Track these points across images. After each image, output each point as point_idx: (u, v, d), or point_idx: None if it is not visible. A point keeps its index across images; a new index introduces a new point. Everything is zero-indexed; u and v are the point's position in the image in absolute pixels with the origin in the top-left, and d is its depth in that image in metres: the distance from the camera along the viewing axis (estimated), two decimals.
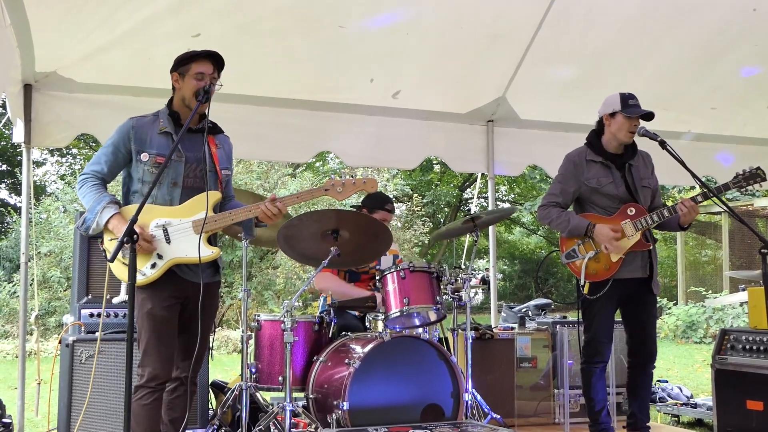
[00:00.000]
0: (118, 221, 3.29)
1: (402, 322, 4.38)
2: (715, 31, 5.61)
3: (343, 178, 3.66)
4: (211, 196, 3.45)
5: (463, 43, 5.60)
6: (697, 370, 10.23)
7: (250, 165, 14.56)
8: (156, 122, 3.48)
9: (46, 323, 13.20)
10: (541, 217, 4.46)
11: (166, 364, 3.39)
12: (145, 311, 3.34)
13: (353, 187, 3.64)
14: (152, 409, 3.36)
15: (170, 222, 3.38)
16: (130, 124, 3.45)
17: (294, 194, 3.70)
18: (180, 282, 3.41)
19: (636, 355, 4.46)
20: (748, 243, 14.78)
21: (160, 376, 3.36)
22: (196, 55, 3.45)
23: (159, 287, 3.36)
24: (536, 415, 5.45)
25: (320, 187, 3.68)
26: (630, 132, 4.25)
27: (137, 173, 3.44)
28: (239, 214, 3.50)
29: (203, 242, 3.39)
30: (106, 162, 3.44)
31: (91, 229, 3.34)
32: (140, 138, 3.42)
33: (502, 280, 23.64)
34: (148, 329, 3.34)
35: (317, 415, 4.16)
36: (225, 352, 12.34)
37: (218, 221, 3.46)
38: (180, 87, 3.48)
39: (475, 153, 6.55)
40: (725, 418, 4.95)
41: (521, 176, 19.56)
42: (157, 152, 3.41)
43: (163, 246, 3.36)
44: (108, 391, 4.16)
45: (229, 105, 5.47)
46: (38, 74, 5.06)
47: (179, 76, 3.47)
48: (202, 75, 3.43)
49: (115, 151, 3.44)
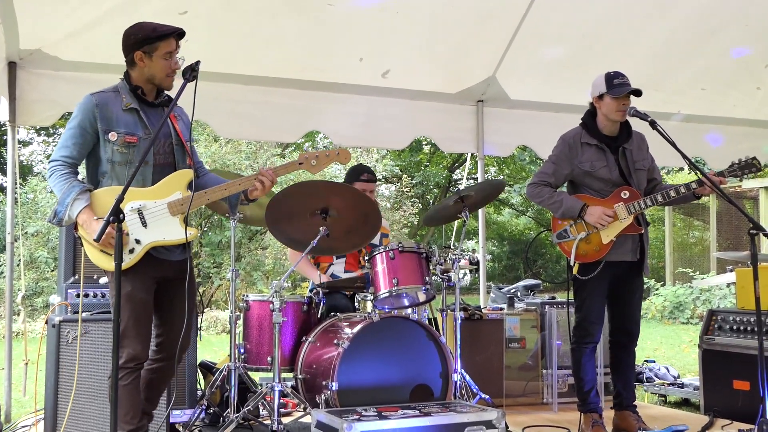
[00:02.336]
0: (87, 218, 3.20)
1: (391, 302, 4.38)
2: (706, 12, 5.60)
3: (317, 151, 3.66)
4: (184, 175, 3.39)
5: (453, 23, 5.56)
6: (684, 350, 10.31)
7: (239, 145, 14.49)
8: (118, 98, 3.36)
9: (33, 303, 13.17)
10: (531, 195, 4.42)
11: (145, 344, 3.37)
12: (124, 294, 3.28)
13: (327, 159, 3.65)
14: (133, 389, 3.35)
15: (145, 205, 3.31)
16: (93, 101, 3.30)
17: (278, 166, 3.65)
18: (156, 262, 3.36)
19: (617, 334, 4.48)
20: (736, 224, 14.87)
21: (139, 357, 3.34)
22: (164, 35, 3.35)
23: (137, 270, 3.30)
24: (525, 395, 5.48)
25: (294, 161, 3.64)
26: (619, 111, 4.23)
27: (106, 153, 3.31)
28: (232, 186, 3.45)
29: (179, 222, 3.34)
30: (74, 145, 3.30)
31: (63, 221, 3.26)
32: (105, 116, 3.30)
33: (491, 261, 23.71)
34: (128, 311, 3.30)
35: (306, 395, 4.17)
36: (213, 333, 12.33)
37: (210, 195, 3.41)
38: (146, 65, 3.35)
39: (464, 133, 6.53)
40: (712, 398, 5.00)
41: (510, 157, 19.55)
42: (126, 131, 3.31)
43: (139, 230, 3.29)
44: (96, 372, 4.14)
45: (217, 84, 5.43)
46: (23, 51, 4.99)
47: (144, 55, 3.34)
48: (170, 54, 3.37)
49: (83, 132, 3.30)
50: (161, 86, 3.42)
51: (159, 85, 3.41)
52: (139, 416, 3.40)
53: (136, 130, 3.34)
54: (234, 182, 3.48)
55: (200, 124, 9.23)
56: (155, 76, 3.38)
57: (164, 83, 3.41)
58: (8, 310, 5.09)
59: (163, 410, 4.22)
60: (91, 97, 3.32)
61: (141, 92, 3.39)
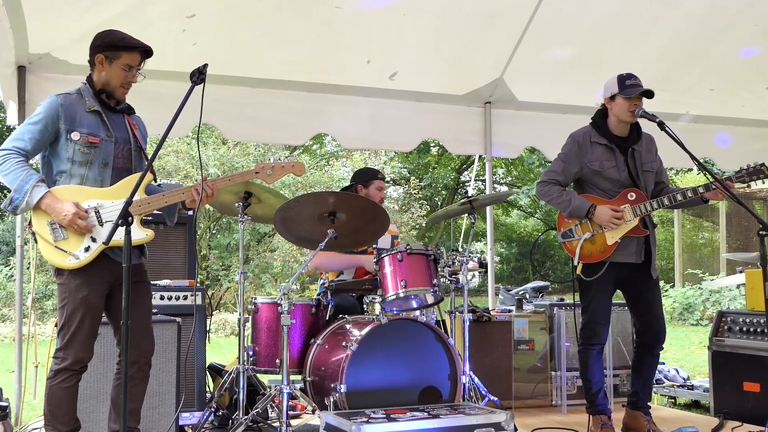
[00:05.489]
0: (52, 200, 3.22)
1: (399, 304, 4.37)
2: (714, 11, 5.57)
3: (272, 162, 3.80)
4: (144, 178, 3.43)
5: (460, 24, 5.56)
6: (693, 352, 10.27)
7: (247, 147, 14.52)
8: (81, 100, 3.41)
9: (42, 306, 13.21)
10: (540, 193, 4.44)
11: (91, 347, 3.38)
12: (80, 297, 3.29)
13: (282, 170, 3.81)
14: (74, 393, 3.36)
15: (102, 204, 3.33)
16: (58, 101, 3.34)
17: (226, 176, 3.73)
18: (111, 264, 3.37)
19: (643, 335, 4.45)
20: (745, 225, 14.80)
21: (84, 360, 3.35)
22: (130, 47, 3.41)
23: (93, 272, 3.31)
24: (533, 397, 5.46)
25: (250, 170, 3.78)
26: (631, 112, 4.23)
27: (67, 152, 3.33)
28: (173, 196, 3.50)
29: (137, 224, 3.36)
30: (30, 139, 3.29)
31: (20, 208, 3.24)
32: (70, 116, 3.34)
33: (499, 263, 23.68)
34: (81, 316, 3.30)
35: (315, 397, 4.16)
36: (222, 335, 12.36)
37: (151, 203, 3.44)
38: (104, 70, 3.41)
39: (472, 135, 6.53)
40: (722, 400, 4.97)
41: (518, 159, 19.53)
42: (89, 131, 3.35)
43: (96, 229, 3.31)
44: (105, 374, 4.13)
45: (225, 87, 5.45)
46: (32, 56, 5.02)
47: (105, 59, 3.40)
48: (131, 67, 3.43)
49: (43, 129, 3.31)
50: (113, 94, 3.47)
51: (112, 92, 3.46)
52: (75, 418, 3.41)
53: (98, 131, 3.39)
54: (174, 192, 3.52)
55: (208, 127, 9.24)
56: (110, 83, 3.44)
57: (117, 92, 3.47)
58: (18, 312, 5.11)
59: (173, 412, 4.24)
60: (57, 97, 3.37)
61: (105, 96, 3.46)
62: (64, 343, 3.33)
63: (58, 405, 3.32)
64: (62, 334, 3.33)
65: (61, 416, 3.32)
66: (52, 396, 3.32)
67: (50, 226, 3.27)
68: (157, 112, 4.22)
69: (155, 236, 3.50)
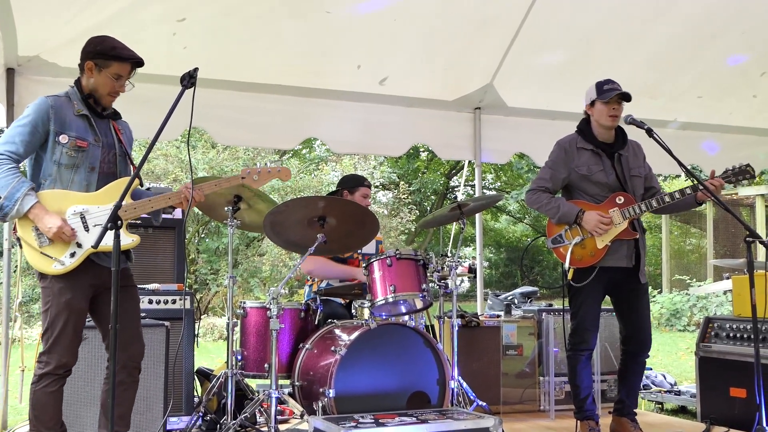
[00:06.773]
0: (39, 211, 3.21)
1: (388, 309, 4.37)
2: (703, 19, 5.62)
3: (259, 167, 3.81)
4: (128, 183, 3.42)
5: (450, 30, 5.58)
6: (680, 357, 10.31)
7: (236, 151, 14.50)
8: (70, 104, 3.40)
9: (29, 310, 13.12)
10: (530, 202, 4.46)
11: (75, 351, 3.36)
12: (63, 301, 3.28)
13: (268, 176, 3.83)
14: (58, 397, 3.34)
15: (88, 209, 3.33)
16: (48, 103, 3.33)
17: (213, 181, 3.72)
18: (96, 269, 3.36)
19: (629, 343, 4.46)
20: (732, 232, 14.90)
21: (68, 364, 3.33)
22: (121, 57, 3.42)
23: (77, 276, 3.30)
24: (522, 402, 5.48)
25: (237, 176, 3.78)
26: (611, 116, 4.27)
27: (54, 155, 3.32)
28: (159, 201, 3.49)
29: (123, 229, 3.35)
30: (22, 142, 3.28)
31: (9, 216, 3.23)
32: (60, 119, 3.33)
33: (488, 268, 23.72)
34: (64, 320, 3.28)
35: (303, 402, 4.16)
36: (211, 340, 12.32)
37: (138, 208, 3.43)
38: (93, 77, 3.42)
39: (462, 140, 6.55)
40: (709, 405, 5.00)
41: (508, 164, 19.59)
42: (77, 135, 3.35)
43: (81, 234, 3.30)
44: (93, 378, 4.12)
45: (215, 90, 5.44)
46: (21, 58, 5.00)
47: (95, 67, 3.40)
48: (120, 77, 3.43)
49: (33, 131, 3.30)
50: (100, 101, 3.47)
51: (99, 99, 3.46)
52: (61, 422, 3.39)
53: (86, 135, 3.38)
54: (161, 197, 3.52)
55: (198, 130, 9.23)
56: (97, 90, 3.44)
57: (103, 99, 3.47)
58: (5, 316, 5.07)
59: (160, 417, 4.22)
60: (47, 99, 3.36)
61: (93, 101, 3.46)
62: (47, 347, 3.30)
63: (43, 409, 3.30)
64: (46, 338, 3.31)
65: (46, 420, 3.30)
66: (36, 401, 3.30)
67: (35, 232, 3.26)
68: (147, 115, 4.22)
69: (144, 240, 3.51)
